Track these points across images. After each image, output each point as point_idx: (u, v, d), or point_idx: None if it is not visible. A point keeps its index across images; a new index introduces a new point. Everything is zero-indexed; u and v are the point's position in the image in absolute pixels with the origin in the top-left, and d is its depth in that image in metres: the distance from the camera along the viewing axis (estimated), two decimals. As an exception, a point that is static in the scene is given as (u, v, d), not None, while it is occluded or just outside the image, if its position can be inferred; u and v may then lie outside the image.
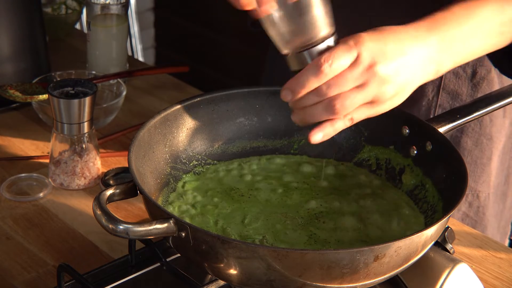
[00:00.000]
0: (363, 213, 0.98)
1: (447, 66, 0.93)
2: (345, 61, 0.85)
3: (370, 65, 0.85)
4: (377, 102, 0.88)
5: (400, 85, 0.88)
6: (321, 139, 0.89)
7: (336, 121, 0.88)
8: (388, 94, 0.87)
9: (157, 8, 3.10)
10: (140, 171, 0.94)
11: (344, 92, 0.85)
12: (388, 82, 0.86)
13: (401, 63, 0.87)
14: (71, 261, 1.00)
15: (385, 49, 0.86)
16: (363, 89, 0.86)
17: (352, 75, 0.85)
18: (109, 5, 1.47)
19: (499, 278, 1.06)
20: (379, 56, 0.85)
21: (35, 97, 1.30)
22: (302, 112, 0.88)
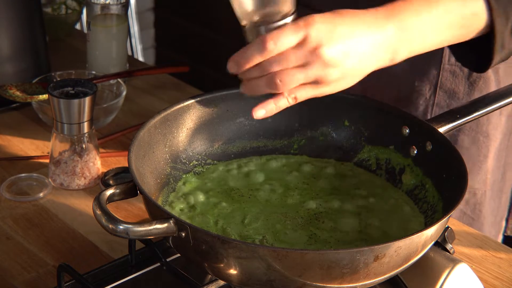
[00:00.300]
0: (363, 213, 0.98)
1: (403, 54, 0.93)
2: (291, 40, 0.86)
3: (315, 47, 0.86)
4: (321, 83, 0.89)
5: (347, 69, 0.88)
6: (264, 115, 0.92)
7: (279, 99, 0.90)
8: (332, 77, 0.88)
9: (157, 8, 3.10)
10: (140, 171, 0.94)
11: (285, 69, 0.87)
12: (333, 66, 0.87)
13: (349, 47, 0.87)
14: (71, 261, 1.00)
15: (334, 32, 0.87)
16: (305, 69, 0.87)
17: (296, 55, 0.86)
18: (109, 5, 1.47)
19: (499, 278, 1.06)
20: (326, 38, 0.86)
21: (35, 97, 1.30)
22: (248, 84, 0.90)
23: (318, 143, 1.09)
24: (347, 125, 1.08)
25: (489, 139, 1.26)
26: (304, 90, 0.89)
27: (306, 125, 1.09)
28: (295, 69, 0.87)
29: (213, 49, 2.96)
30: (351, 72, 0.89)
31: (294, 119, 1.08)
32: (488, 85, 1.22)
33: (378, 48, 0.90)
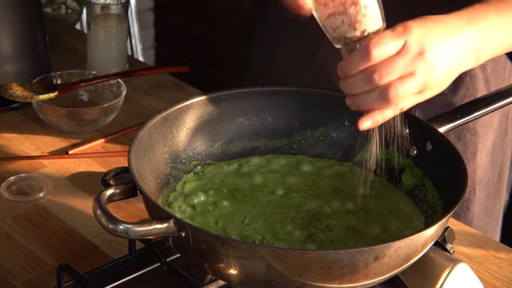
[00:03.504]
0: (363, 213, 0.98)
1: (486, 56, 0.94)
2: (393, 46, 0.85)
3: (419, 52, 0.86)
4: (425, 89, 0.88)
5: (445, 71, 0.89)
6: (370, 127, 0.89)
7: (385, 110, 0.88)
8: (435, 81, 0.88)
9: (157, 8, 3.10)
10: (140, 171, 0.94)
11: (396, 81, 0.85)
12: (436, 69, 0.87)
13: (446, 50, 0.88)
14: (71, 261, 1.00)
15: (432, 37, 0.87)
16: (414, 77, 0.86)
17: (402, 62, 0.85)
18: (109, 5, 1.47)
19: (499, 278, 1.06)
20: (426, 43, 0.86)
21: (35, 97, 1.30)
22: (356, 98, 0.88)
23: (318, 143, 1.09)
24: (347, 125, 1.08)
25: (477, 137, 1.26)
26: (410, 99, 0.88)
27: (306, 125, 1.09)
28: (405, 79, 0.86)
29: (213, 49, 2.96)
30: (447, 75, 0.90)
31: (294, 119, 1.08)
32: (475, 82, 1.22)
33: (466, 50, 0.91)
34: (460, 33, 0.90)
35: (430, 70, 0.87)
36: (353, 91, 0.88)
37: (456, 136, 1.25)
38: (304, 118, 1.09)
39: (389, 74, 0.85)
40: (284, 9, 0.93)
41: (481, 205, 1.31)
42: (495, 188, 1.33)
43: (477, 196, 1.30)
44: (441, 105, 1.22)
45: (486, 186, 1.31)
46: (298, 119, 1.09)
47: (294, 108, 1.08)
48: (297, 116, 1.08)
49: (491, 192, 1.33)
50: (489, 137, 1.28)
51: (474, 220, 1.30)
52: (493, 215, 1.35)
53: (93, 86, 1.42)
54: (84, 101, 1.43)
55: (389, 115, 0.89)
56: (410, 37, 0.86)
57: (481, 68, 1.22)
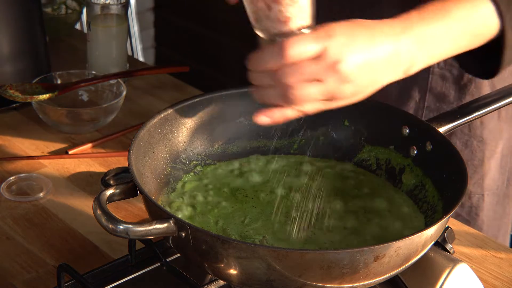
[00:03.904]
0: (363, 213, 0.98)
1: (417, 66, 0.90)
2: (310, 49, 0.81)
3: (334, 62, 0.82)
4: (334, 99, 0.85)
5: (361, 85, 0.85)
6: (267, 123, 0.87)
7: (287, 110, 0.86)
8: (346, 93, 0.84)
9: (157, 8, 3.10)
10: (140, 171, 0.94)
11: (301, 83, 0.82)
12: (349, 82, 0.83)
13: (367, 62, 0.84)
14: (71, 261, 1.00)
15: (353, 47, 0.83)
16: (322, 85, 0.83)
17: (312, 68, 0.82)
18: (109, 5, 1.47)
19: (499, 278, 1.06)
20: (346, 53, 0.82)
21: (35, 97, 1.30)
22: (260, 90, 0.86)
23: (318, 143, 1.09)
24: (347, 125, 1.08)
25: (485, 144, 1.25)
26: (314, 104, 0.85)
27: (306, 125, 1.09)
28: (311, 84, 0.83)
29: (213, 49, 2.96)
30: (364, 88, 0.86)
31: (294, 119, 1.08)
32: (480, 89, 1.21)
33: (393, 61, 0.87)
34: (389, 43, 0.85)
35: (342, 82, 0.83)
36: (257, 83, 0.85)
37: (463, 144, 1.24)
38: (304, 118, 1.08)
39: (295, 75, 0.82)
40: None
41: (491, 210, 1.31)
42: (504, 194, 1.32)
43: (486, 202, 1.29)
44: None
45: (496, 192, 1.30)
46: (298, 119, 1.08)
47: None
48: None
49: (501, 197, 1.32)
50: (498, 144, 1.27)
51: (484, 226, 1.30)
52: (503, 220, 1.34)
53: (93, 86, 1.42)
54: (84, 101, 1.43)
55: (289, 115, 0.86)
56: (330, 44, 0.82)
57: None
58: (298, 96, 0.83)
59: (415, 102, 1.22)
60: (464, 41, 0.93)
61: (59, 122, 1.34)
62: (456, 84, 1.21)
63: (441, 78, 1.21)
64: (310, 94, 0.83)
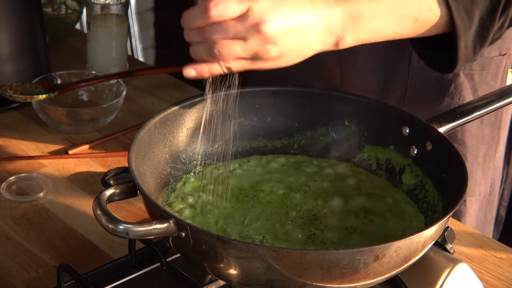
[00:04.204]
0: (363, 213, 0.98)
1: (348, 40, 0.91)
2: (233, 9, 0.85)
3: (257, 22, 0.85)
4: (258, 59, 0.88)
5: (287, 48, 0.87)
6: (194, 76, 0.92)
7: (213, 65, 0.90)
8: (270, 54, 0.87)
9: (157, 8, 3.10)
10: (140, 171, 0.94)
11: (225, 40, 0.86)
12: (272, 43, 0.86)
13: (292, 26, 0.86)
14: (71, 261, 1.00)
15: (279, 9, 0.86)
16: (244, 43, 0.86)
17: (236, 27, 0.86)
18: (109, 5, 1.47)
19: (499, 278, 1.06)
20: (270, 15, 0.85)
21: (35, 97, 1.30)
22: (192, 47, 0.91)
23: (318, 143, 1.09)
24: (347, 125, 1.08)
25: (466, 147, 1.24)
26: (239, 62, 0.89)
27: (306, 125, 1.09)
28: (234, 41, 0.86)
29: (213, 49, 2.95)
30: (291, 52, 0.88)
31: (294, 119, 1.08)
32: (461, 91, 1.20)
33: (322, 30, 0.88)
34: (320, 11, 0.88)
35: (264, 43, 0.86)
36: (189, 40, 0.91)
37: None
38: (304, 118, 1.09)
39: (219, 32, 0.86)
40: None
41: (473, 217, 1.29)
42: (487, 201, 1.31)
43: (469, 208, 1.28)
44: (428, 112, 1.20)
45: (478, 198, 1.29)
46: (298, 119, 1.09)
47: (294, 108, 1.08)
48: (297, 116, 1.08)
49: (483, 205, 1.30)
50: (480, 148, 1.25)
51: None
52: (485, 228, 1.33)
53: (93, 86, 1.42)
54: (84, 101, 1.43)
55: (216, 70, 0.90)
56: (254, 5, 0.85)
57: (467, 77, 1.20)
58: (222, 52, 0.87)
59: (395, 97, 1.21)
60: (405, 25, 0.94)
61: (59, 122, 1.34)
62: (435, 84, 1.20)
63: (420, 77, 1.19)
64: (233, 51, 0.87)
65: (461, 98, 1.20)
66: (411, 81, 1.20)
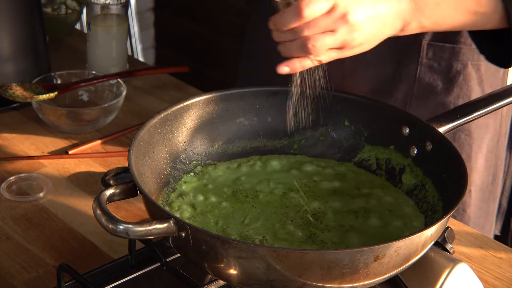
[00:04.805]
0: (363, 213, 0.98)
1: (413, 26, 0.99)
2: (323, 7, 0.92)
3: (343, 14, 0.93)
4: (346, 47, 0.96)
5: (368, 34, 0.96)
6: (287, 72, 0.97)
7: (304, 59, 0.96)
8: (356, 41, 0.95)
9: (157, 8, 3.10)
10: (140, 171, 0.94)
11: (316, 34, 0.94)
12: (358, 30, 0.94)
13: (372, 14, 0.95)
14: (71, 261, 1.00)
15: (359, 0, 0.94)
16: (334, 34, 0.94)
17: (325, 21, 0.93)
18: (109, 5, 1.47)
19: (499, 278, 1.06)
20: (353, 6, 0.94)
21: (35, 97, 1.30)
22: (283, 45, 0.96)
23: (318, 143, 1.09)
24: (347, 125, 1.08)
25: (472, 138, 1.26)
26: (328, 53, 0.96)
27: (306, 125, 1.09)
28: (325, 34, 0.94)
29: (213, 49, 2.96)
30: (371, 37, 0.97)
31: (294, 119, 1.08)
32: (469, 81, 1.22)
33: (393, 16, 0.97)
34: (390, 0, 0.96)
35: (351, 31, 0.94)
36: (279, 40, 0.96)
37: (451, 137, 1.25)
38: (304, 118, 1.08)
39: (311, 28, 0.93)
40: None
41: (477, 207, 1.31)
42: (489, 191, 1.33)
43: (473, 198, 1.30)
44: (434, 105, 1.22)
45: (481, 188, 1.31)
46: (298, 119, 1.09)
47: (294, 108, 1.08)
48: (297, 116, 1.08)
49: (486, 194, 1.32)
50: (484, 139, 1.27)
51: (470, 223, 1.30)
52: (487, 218, 1.34)
53: (93, 86, 1.42)
54: (84, 101, 1.43)
55: (307, 64, 0.96)
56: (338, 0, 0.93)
57: (475, 68, 1.22)
58: (315, 45, 0.94)
59: (403, 91, 1.23)
60: (465, 17, 1.01)
61: (59, 122, 1.34)
62: (445, 75, 1.22)
63: (429, 69, 1.21)
64: (325, 43, 0.94)
65: (469, 89, 1.23)
66: (419, 75, 1.21)
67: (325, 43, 0.94)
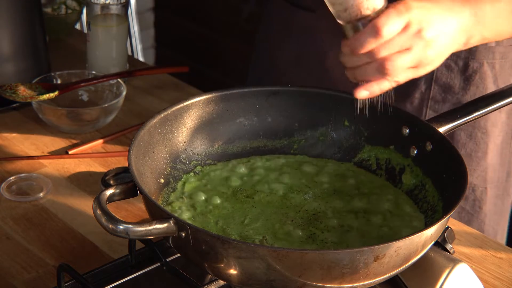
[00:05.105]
0: (363, 213, 0.98)
1: (475, 39, 1.00)
2: (399, 25, 0.91)
3: (419, 30, 0.92)
4: (419, 65, 0.95)
5: (439, 50, 0.95)
6: (367, 96, 0.95)
7: (382, 81, 0.94)
8: (429, 58, 0.95)
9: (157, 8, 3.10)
10: (140, 171, 0.94)
11: (393, 54, 0.92)
12: (431, 47, 0.94)
13: (441, 30, 0.94)
14: (71, 261, 1.00)
15: (430, 16, 0.93)
16: (410, 52, 0.93)
17: (403, 39, 0.92)
18: (109, 5, 1.47)
19: (499, 278, 1.06)
20: (425, 22, 0.92)
21: (35, 97, 1.30)
22: (356, 70, 0.95)
23: (318, 143, 1.09)
24: (347, 125, 1.08)
25: (488, 136, 1.26)
26: (405, 73, 0.94)
27: (306, 125, 1.09)
28: (402, 53, 0.92)
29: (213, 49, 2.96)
30: (441, 53, 0.96)
31: (294, 119, 1.08)
32: (484, 80, 1.23)
33: (457, 31, 0.96)
34: (453, 14, 0.96)
35: (426, 48, 0.93)
36: (353, 64, 0.95)
37: (467, 135, 1.26)
38: (304, 118, 1.09)
39: (389, 48, 0.92)
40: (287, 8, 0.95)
41: (492, 204, 1.32)
42: (504, 187, 1.33)
43: (489, 195, 1.30)
44: (452, 104, 1.23)
45: (496, 184, 1.31)
46: (298, 119, 1.09)
47: (294, 108, 1.08)
48: (297, 116, 1.08)
49: (500, 190, 1.33)
50: (499, 135, 1.28)
51: (486, 220, 1.31)
52: (502, 214, 1.35)
53: (93, 86, 1.42)
54: (84, 101, 1.43)
55: (385, 87, 0.95)
56: (412, 16, 0.92)
57: (490, 66, 1.23)
58: (394, 65, 0.93)
59: (420, 92, 1.23)
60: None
61: (59, 122, 1.34)
62: (461, 74, 1.22)
63: (447, 69, 1.22)
64: (404, 62, 0.93)
65: (484, 87, 1.24)
66: (437, 75, 1.22)
67: (403, 62, 0.93)
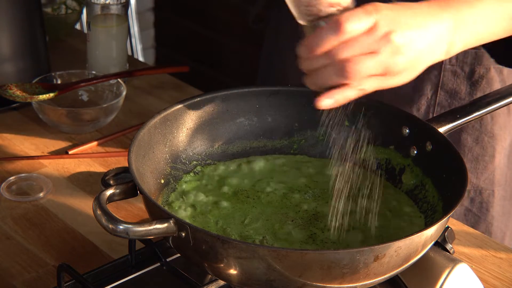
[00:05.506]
0: (363, 213, 0.98)
1: (457, 47, 0.91)
2: (364, 23, 0.83)
3: (386, 33, 0.83)
4: (388, 74, 0.85)
5: (411, 59, 0.86)
6: (330, 105, 0.86)
7: (346, 89, 0.85)
8: (399, 66, 0.85)
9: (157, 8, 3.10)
10: (140, 171, 0.94)
11: (356, 56, 0.83)
12: (401, 53, 0.84)
13: (415, 35, 0.85)
14: (71, 261, 1.00)
15: (401, 19, 0.85)
16: (376, 56, 0.83)
17: (367, 40, 0.83)
18: (109, 5, 1.47)
19: (499, 278, 1.06)
20: (395, 24, 0.84)
21: (35, 97, 1.30)
22: (314, 75, 0.85)
23: (318, 143, 1.09)
24: (347, 125, 1.08)
25: (495, 139, 1.26)
26: (371, 80, 0.85)
27: (306, 125, 1.09)
28: (366, 56, 0.83)
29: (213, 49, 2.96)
30: (414, 64, 0.87)
31: (294, 119, 1.08)
32: (491, 85, 1.22)
33: (436, 39, 0.88)
34: (431, 20, 0.87)
35: (395, 54, 0.84)
36: (311, 67, 0.85)
37: (474, 140, 1.25)
38: (304, 118, 1.09)
39: (352, 48, 0.83)
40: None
41: (500, 206, 1.31)
42: (511, 189, 1.33)
43: (496, 197, 1.30)
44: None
45: (504, 187, 1.31)
46: (298, 119, 1.09)
47: (294, 108, 1.08)
48: (297, 116, 1.08)
49: (508, 192, 1.32)
50: (507, 138, 1.28)
51: (494, 222, 1.30)
52: (510, 216, 1.35)
53: (93, 86, 1.42)
54: (84, 101, 1.43)
55: (350, 95, 0.86)
56: (380, 17, 0.83)
57: (497, 71, 1.22)
58: (357, 69, 0.83)
59: (426, 98, 1.23)
60: (503, 24, 0.95)
61: (59, 122, 1.34)
62: (468, 80, 1.22)
63: (453, 75, 1.21)
64: (367, 66, 0.83)
65: None
66: (443, 81, 1.21)
67: (366, 66, 0.83)
